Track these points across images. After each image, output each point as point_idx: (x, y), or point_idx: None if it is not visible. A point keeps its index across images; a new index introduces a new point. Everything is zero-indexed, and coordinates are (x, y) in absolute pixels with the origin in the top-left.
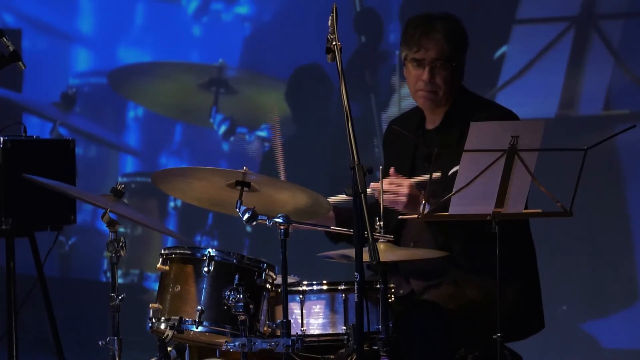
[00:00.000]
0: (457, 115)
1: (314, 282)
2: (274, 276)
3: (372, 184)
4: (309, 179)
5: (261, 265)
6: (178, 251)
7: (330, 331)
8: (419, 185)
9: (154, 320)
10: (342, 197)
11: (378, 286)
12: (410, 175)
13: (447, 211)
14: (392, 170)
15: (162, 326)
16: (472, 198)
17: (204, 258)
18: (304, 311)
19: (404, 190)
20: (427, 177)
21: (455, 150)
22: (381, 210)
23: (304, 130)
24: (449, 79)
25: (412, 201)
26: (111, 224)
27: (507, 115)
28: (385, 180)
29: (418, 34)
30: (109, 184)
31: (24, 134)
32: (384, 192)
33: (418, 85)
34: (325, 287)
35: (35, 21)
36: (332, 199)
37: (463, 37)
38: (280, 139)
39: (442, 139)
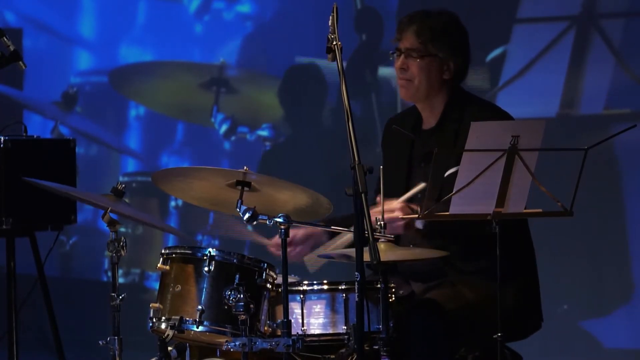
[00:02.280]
0: (453, 115)
1: (315, 282)
2: (275, 276)
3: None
4: (308, 179)
5: (262, 265)
6: (178, 251)
7: (330, 331)
8: (411, 198)
9: (154, 320)
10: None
11: (378, 286)
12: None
13: (448, 211)
14: (378, 198)
15: (163, 326)
16: (472, 198)
17: (205, 258)
18: (304, 311)
19: (397, 214)
20: (416, 189)
21: (455, 151)
22: (382, 210)
23: (302, 129)
24: (424, 70)
25: (409, 221)
26: (112, 223)
27: (503, 116)
28: (376, 211)
29: (400, 24)
30: (110, 183)
31: (24, 134)
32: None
33: (397, 75)
34: (325, 287)
35: (36, 20)
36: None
37: (447, 32)
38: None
39: (437, 140)
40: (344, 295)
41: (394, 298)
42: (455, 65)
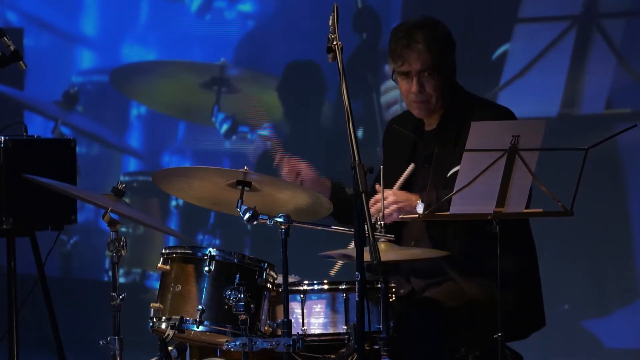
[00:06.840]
0: (454, 116)
1: (315, 282)
2: (275, 276)
3: (372, 209)
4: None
5: (262, 264)
6: (179, 250)
7: (331, 331)
8: (406, 185)
9: (155, 320)
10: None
11: (379, 286)
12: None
13: (448, 211)
14: (377, 186)
15: (163, 326)
16: (473, 198)
17: (205, 257)
18: (304, 311)
19: (390, 199)
20: (406, 173)
21: (456, 151)
22: (382, 210)
23: (301, 129)
24: (438, 85)
25: (405, 204)
26: (112, 223)
27: (504, 114)
28: (371, 202)
29: (400, 47)
30: (111, 182)
31: (24, 134)
32: (374, 213)
33: (410, 97)
34: (326, 287)
35: (38, 19)
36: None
37: (446, 40)
38: (277, 139)
39: (439, 140)
40: (345, 295)
41: (394, 298)
42: (455, 64)
